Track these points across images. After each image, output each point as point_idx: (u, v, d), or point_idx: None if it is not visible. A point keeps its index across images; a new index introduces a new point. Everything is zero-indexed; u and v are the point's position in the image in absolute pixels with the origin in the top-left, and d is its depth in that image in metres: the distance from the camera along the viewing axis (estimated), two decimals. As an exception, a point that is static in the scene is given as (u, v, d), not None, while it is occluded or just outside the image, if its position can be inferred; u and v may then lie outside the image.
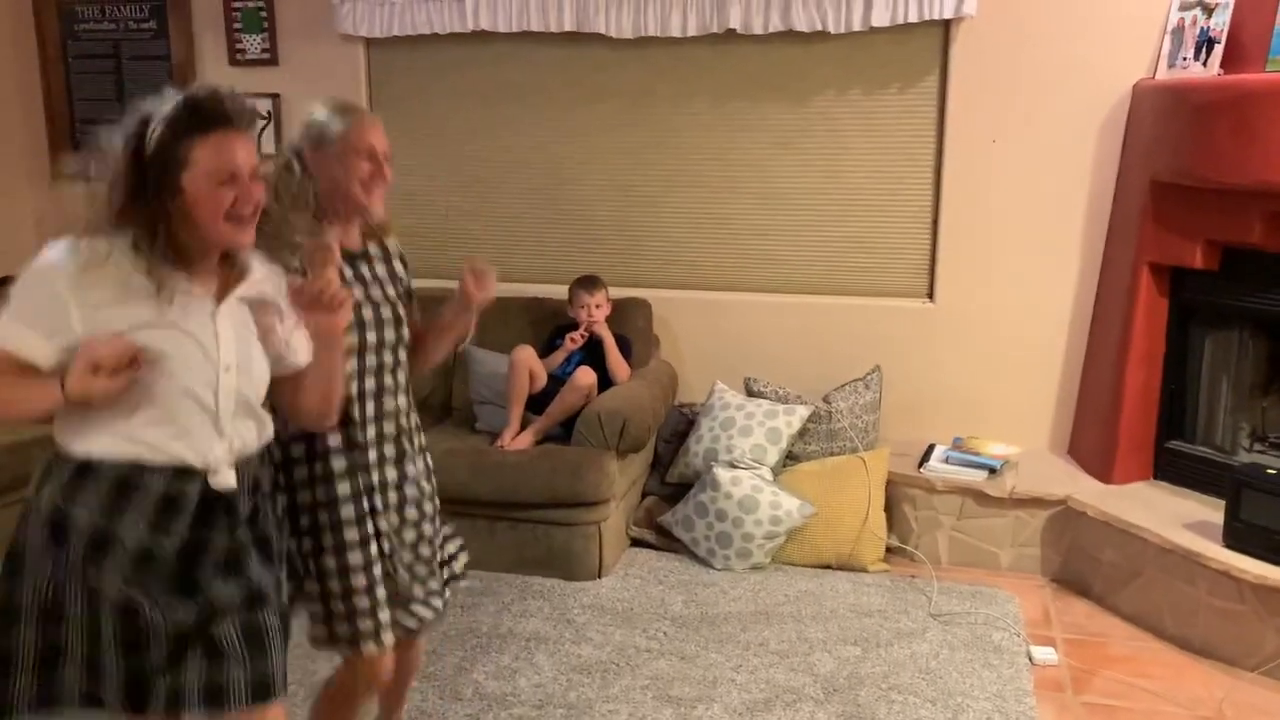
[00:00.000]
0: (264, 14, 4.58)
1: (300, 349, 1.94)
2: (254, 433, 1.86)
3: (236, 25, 4.63)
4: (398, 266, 2.34)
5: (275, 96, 4.63)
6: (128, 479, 1.72)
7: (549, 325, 4.20)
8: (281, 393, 1.94)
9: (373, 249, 2.28)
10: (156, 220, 1.70)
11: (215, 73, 4.68)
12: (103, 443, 1.72)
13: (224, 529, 1.81)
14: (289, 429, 2.08)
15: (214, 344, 1.76)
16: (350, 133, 2.16)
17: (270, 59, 4.62)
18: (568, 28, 4.20)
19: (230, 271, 1.83)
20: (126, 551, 1.72)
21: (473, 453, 3.74)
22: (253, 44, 4.63)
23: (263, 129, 4.68)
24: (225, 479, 1.80)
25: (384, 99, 4.60)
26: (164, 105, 1.71)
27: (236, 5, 4.61)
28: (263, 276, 1.88)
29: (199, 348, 1.75)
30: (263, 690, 1.76)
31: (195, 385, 1.74)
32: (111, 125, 1.73)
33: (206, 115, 1.71)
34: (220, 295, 1.80)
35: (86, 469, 1.73)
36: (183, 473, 1.75)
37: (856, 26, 3.92)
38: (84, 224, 1.71)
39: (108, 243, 1.69)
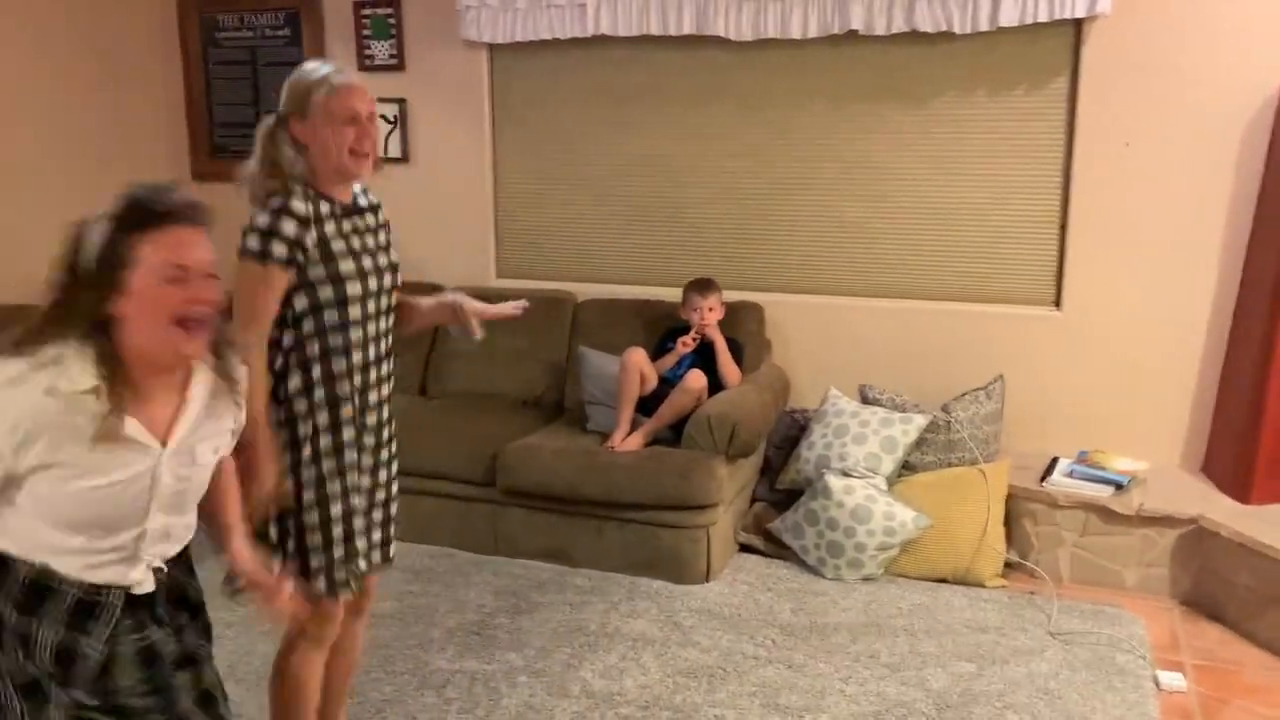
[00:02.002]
0: (392, 21, 4.71)
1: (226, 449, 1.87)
2: (178, 542, 1.78)
3: (366, 32, 4.77)
4: (383, 236, 2.37)
5: (402, 101, 4.76)
6: (39, 582, 1.63)
7: (661, 327, 4.20)
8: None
9: (368, 217, 2.32)
10: (99, 331, 1.57)
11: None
12: (14, 543, 1.63)
13: (143, 629, 1.73)
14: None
15: (148, 494, 1.66)
16: (333, 100, 2.17)
17: (397, 64, 4.75)
18: (687, 30, 4.20)
19: (179, 398, 1.69)
20: (48, 650, 1.64)
21: (583, 453, 3.77)
22: (381, 50, 4.76)
23: (381, 133, 4.81)
24: (145, 587, 1.72)
25: (505, 103, 4.68)
26: (104, 211, 1.60)
27: (366, 12, 4.75)
28: (209, 396, 1.74)
29: (132, 500, 1.64)
30: None
31: (119, 535, 1.66)
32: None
33: (154, 210, 1.59)
34: (166, 434, 1.66)
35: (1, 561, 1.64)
36: (97, 587, 1.67)
37: (983, 26, 3.82)
38: (17, 339, 1.57)
39: (49, 365, 1.54)
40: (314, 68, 2.23)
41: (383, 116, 4.81)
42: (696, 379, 3.81)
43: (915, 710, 2.88)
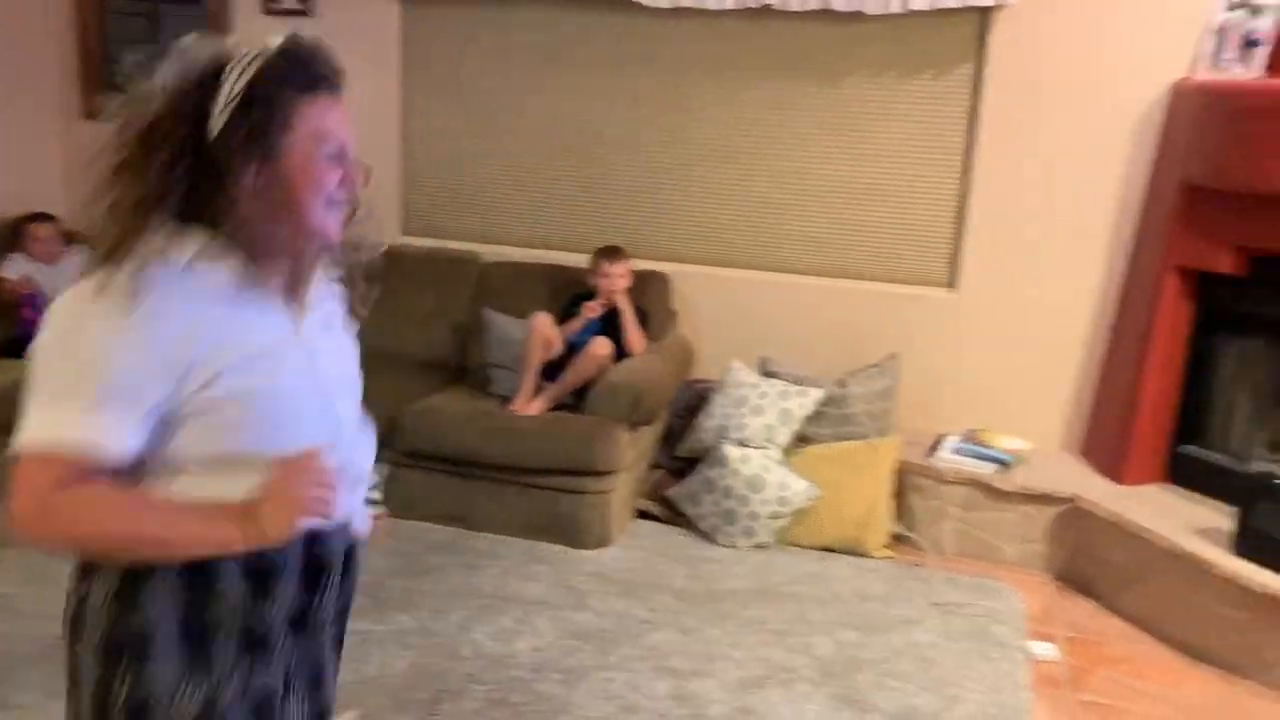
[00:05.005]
0: (301, -35, 4.57)
1: None
2: (368, 452, 1.52)
3: (273, -27, 4.61)
4: None
5: (308, 48, 4.62)
6: (252, 563, 1.34)
7: (568, 293, 4.19)
8: None
9: None
10: (238, 199, 1.27)
11: (248, 21, 4.67)
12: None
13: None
14: None
15: (311, 369, 1.38)
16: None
17: (304, 10, 4.60)
18: (605, -5, 4.17)
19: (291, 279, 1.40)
20: (282, 626, 1.41)
21: (484, 416, 3.75)
22: (289, -6, 4.61)
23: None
24: (361, 522, 1.47)
25: (417, 58, 4.57)
26: (249, 51, 1.27)
27: (274, -46, 4.59)
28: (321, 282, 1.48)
29: (309, 379, 1.37)
30: None
31: (313, 428, 1.36)
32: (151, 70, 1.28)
33: (317, 72, 1.31)
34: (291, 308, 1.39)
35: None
36: (314, 534, 1.36)
37: (894, 9, 3.88)
38: (116, 219, 1.24)
39: (155, 250, 1.24)
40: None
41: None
42: (602, 346, 3.81)
43: (800, 675, 2.96)
